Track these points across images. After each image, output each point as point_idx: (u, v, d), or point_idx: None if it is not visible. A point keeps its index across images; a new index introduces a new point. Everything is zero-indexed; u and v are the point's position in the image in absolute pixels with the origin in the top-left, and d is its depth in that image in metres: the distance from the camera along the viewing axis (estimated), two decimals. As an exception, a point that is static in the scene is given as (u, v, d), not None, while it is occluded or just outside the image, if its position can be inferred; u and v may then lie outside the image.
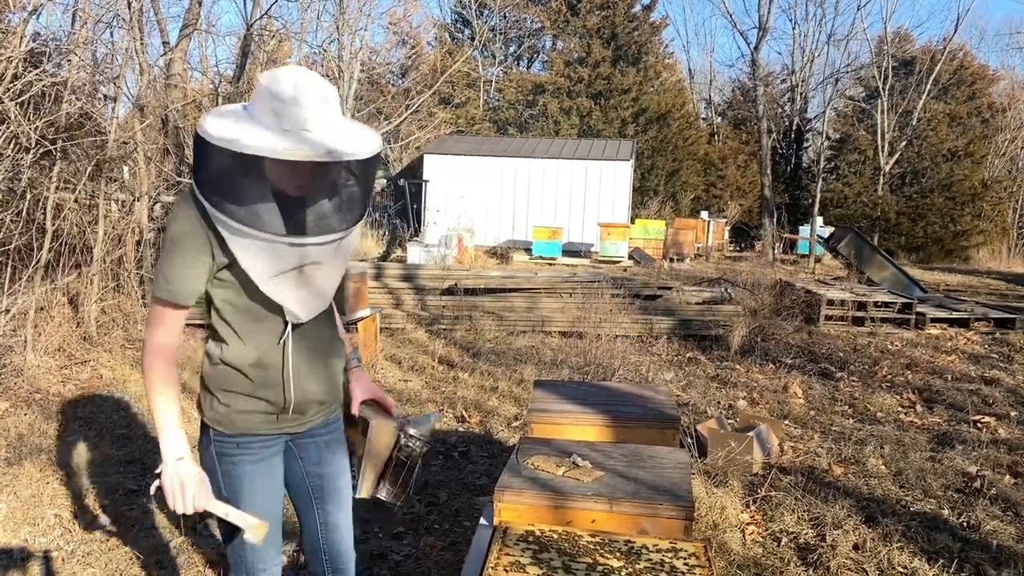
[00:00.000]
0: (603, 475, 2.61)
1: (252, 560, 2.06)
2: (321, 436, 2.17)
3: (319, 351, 2.06)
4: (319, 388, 2.07)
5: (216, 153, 1.73)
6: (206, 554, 3.47)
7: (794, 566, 3.48)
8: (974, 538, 3.78)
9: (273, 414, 2.01)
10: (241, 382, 1.96)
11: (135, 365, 6.64)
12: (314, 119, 1.74)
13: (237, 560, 2.08)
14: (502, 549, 2.18)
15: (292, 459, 2.16)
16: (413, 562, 3.48)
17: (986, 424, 5.61)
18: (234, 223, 1.77)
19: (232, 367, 1.95)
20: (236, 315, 1.93)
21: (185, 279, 1.85)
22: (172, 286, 1.85)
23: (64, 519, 3.81)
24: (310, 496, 2.21)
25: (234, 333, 1.95)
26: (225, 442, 2.00)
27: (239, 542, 2.04)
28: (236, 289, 1.90)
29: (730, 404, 6.05)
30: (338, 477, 2.23)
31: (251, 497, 2.02)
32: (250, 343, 1.95)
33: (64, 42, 7.40)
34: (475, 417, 5.56)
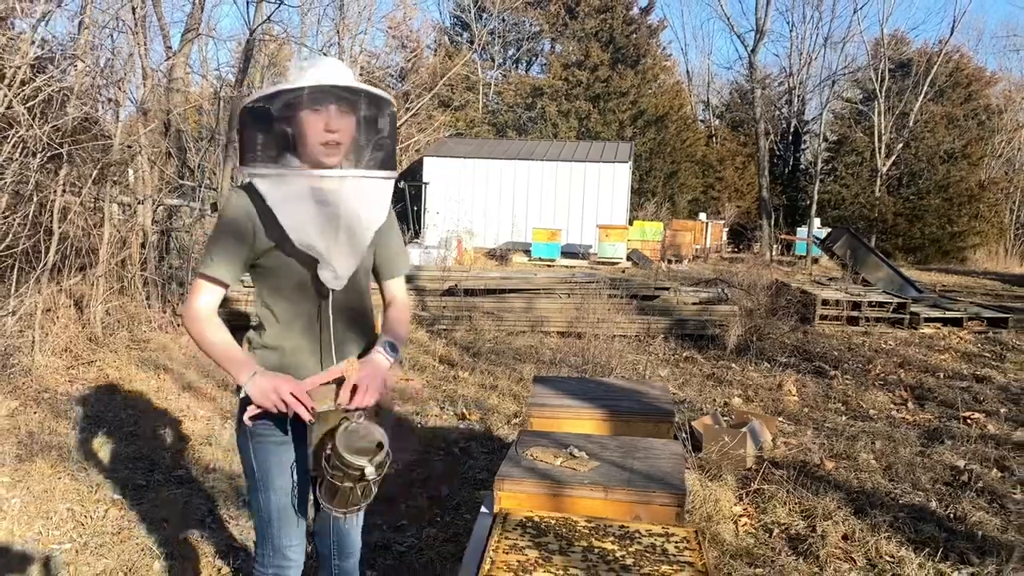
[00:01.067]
0: (599, 465, 2.72)
1: (279, 536, 2.18)
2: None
3: (350, 334, 2.21)
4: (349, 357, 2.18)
5: (256, 118, 1.96)
6: (215, 545, 3.58)
7: (785, 555, 3.60)
8: (960, 529, 3.90)
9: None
10: (274, 365, 2.09)
11: (141, 365, 6.76)
12: (331, 70, 1.98)
13: (264, 535, 2.20)
14: (502, 534, 2.29)
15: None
16: (416, 553, 3.59)
17: (975, 420, 5.73)
18: (271, 169, 1.97)
19: (269, 349, 2.12)
20: (276, 302, 2.11)
21: (226, 260, 2.04)
22: (214, 264, 2.04)
23: (76, 513, 3.92)
24: (327, 477, 2.32)
25: (274, 319, 2.11)
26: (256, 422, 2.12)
27: (267, 522, 2.16)
28: (275, 277, 2.08)
29: (725, 401, 6.17)
30: None
31: (278, 473, 2.14)
32: (286, 327, 2.12)
33: (69, 47, 7.52)
34: (475, 415, 5.67)
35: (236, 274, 2.07)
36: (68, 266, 7.48)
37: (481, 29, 29.94)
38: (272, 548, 2.22)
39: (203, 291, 2.06)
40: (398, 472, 4.57)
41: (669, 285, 9.81)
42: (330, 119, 1.96)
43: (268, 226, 2.01)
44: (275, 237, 2.02)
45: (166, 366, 6.75)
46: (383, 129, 2.05)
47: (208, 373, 6.58)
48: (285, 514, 2.19)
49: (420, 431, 5.33)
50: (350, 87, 1.97)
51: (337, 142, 1.98)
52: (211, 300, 2.07)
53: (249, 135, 1.98)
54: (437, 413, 5.75)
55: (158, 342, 7.62)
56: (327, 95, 1.94)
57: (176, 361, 6.96)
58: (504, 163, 21.44)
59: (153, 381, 6.30)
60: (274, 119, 1.94)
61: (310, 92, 1.93)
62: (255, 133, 1.97)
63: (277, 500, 2.17)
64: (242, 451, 2.19)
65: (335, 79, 1.96)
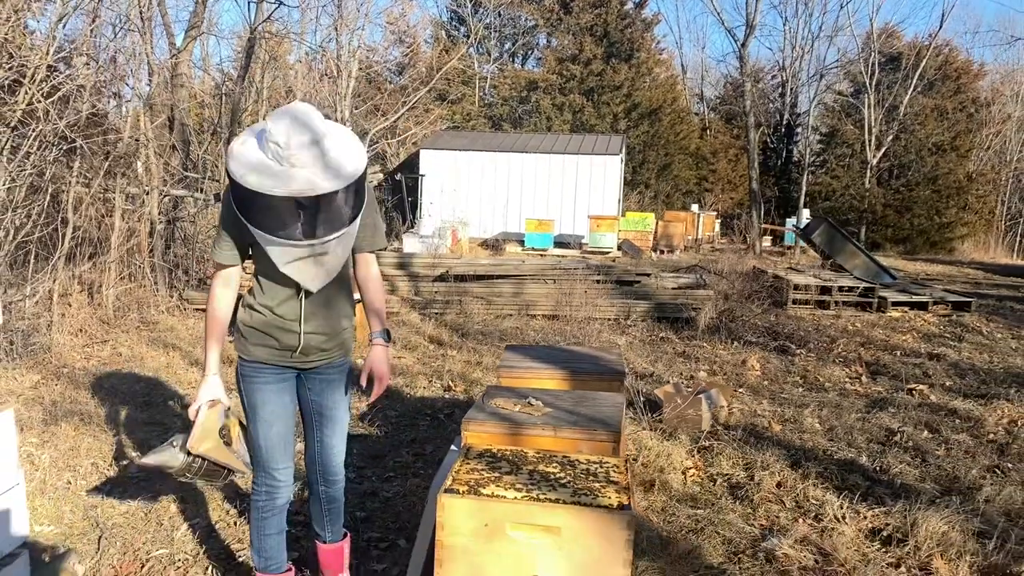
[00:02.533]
0: (551, 411, 3.22)
1: (268, 459, 2.68)
2: (325, 374, 2.78)
3: (325, 310, 2.67)
4: (321, 339, 2.68)
5: (239, 187, 2.34)
6: (224, 492, 4.07)
7: (724, 500, 4.10)
8: (883, 479, 4.40)
9: (282, 351, 2.63)
10: (260, 323, 2.60)
11: (150, 344, 7.26)
12: (302, 158, 2.30)
13: (257, 459, 2.70)
14: (464, 461, 2.79)
15: (302, 389, 2.77)
16: (401, 498, 4.09)
17: (919, 391, 6.23)
18: (259, 232, 2.37)
19: (256, 312, 2.60)
20: (264, 277, 2.59)
21: (228, 246, 2.55)
22: (220, 252, 2.55)
23: (100, 467, 4.42)
24: (312, 420, 2.83)
25: (261, 289, 2.60)
26: (245, 365, 2.66)
27: (257, 447, 2.67)
28: (262, 260, 2.54)
29: (691, 375, 6.66)
30: (335, 408, 2.84)
31: (262, 409, 2.65)
32: (271, 298, 2.59)
33: (81, 46, 8.00)
34: (460, 387, 6.17)
35: (239, 256, 2.57)
36: (81, 253, 7.97)
37: (477, 24, 30.40)
38: (263, 470, 2.71)
39: (217, 277, 2.60)
40: (387, 434, 5.08)
41: (650, 271, 10.29)
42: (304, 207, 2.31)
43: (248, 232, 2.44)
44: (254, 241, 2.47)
45: (174, 345, 7.24)
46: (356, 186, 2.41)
47: (214, 351, 7.06)
48: (271, 442, 2.69)
49: (409, 400, 5.83)
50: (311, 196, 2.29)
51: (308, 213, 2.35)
52: (228, 284, 2.59)
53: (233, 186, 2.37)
54: (425, 385, 6.25)
55: (166, 324, 8.11)
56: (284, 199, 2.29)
57: (184, 340, 7.45)
58: (498, 155, 21.91)
59: (163, 358, 6.80)
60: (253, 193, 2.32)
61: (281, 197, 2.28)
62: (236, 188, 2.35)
63: (265, 431, 2.68)
64: (239, 391, 2.71)
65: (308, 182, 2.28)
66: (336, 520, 2.96)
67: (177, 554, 3.41)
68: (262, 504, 2.74)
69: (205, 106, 16.96)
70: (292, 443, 2.77)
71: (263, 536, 2.76)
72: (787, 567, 3.39)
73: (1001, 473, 4.52)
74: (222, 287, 2.59)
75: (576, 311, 8.63)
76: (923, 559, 3.43)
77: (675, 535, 3.69)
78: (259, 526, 2.75)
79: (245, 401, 2.67)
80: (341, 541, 2.99)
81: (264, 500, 2.73)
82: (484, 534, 2.46)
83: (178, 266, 9.88)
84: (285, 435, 2.72)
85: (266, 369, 2.65)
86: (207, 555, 3.40)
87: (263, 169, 2.31)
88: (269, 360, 2.64)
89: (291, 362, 2.67)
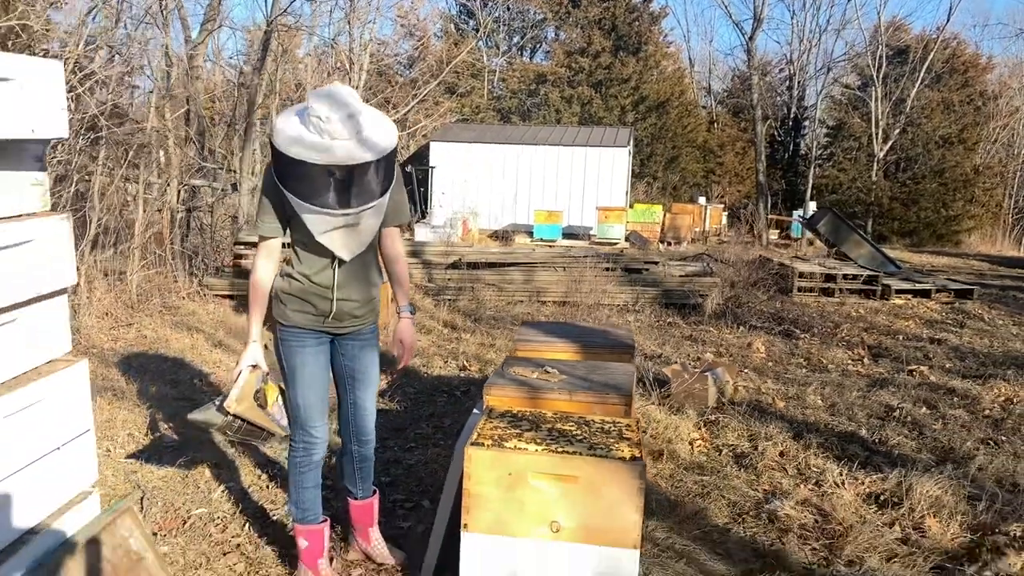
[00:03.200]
0: (567, 378, 3.44)
1: (305, 417, 2.90)
2: (358, 340, 3.01)
3: (357, 279, 2.90)
4: (354, 305, 2.90)
5: (282, 158, 2.56)
6: (254, 459, 4.31)
7: (730, 468, 4.32)
8: (881, 450, 4.62)
9: (318, 317, 2.85)
10: (298, 291, 2.82)
11: (174, 327, 7.49)
12: (340, 131, 2.53)
13: (295, 417, 2.92)
14: (488, 420, 3.02)
15: (336, 353, 3.00)
16: (423, 465, 4.33)
17: (919, 372, 6.43)
18: (298, 200, 2.59)
19: (294, 280, 2.82)
20: (301, 246, 2.80)
21: (269, 219, 2.75)
22: (263, 225, 2.76)
23: (136, 436, 4.66)
24: (346, 382, 3.05)
25: (298, 258, 2.81)
26: (284, 331, 2.87)
27: (296, 407, 2.89)
28: (299, 231, 2.75)
29: (698, 357, 6.87)
30: (367, 371, 3.06)
31: (301, 371, 2.87)
32: (308, 267, 2.81)
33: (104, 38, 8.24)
34: (475, 366, 6.40)
35: (280, 229, 2.77)
36: (106, 241, 8.22)
37: (486, 17, 30.58)
38: (301, 428, 2.94)
39: (260, 250, 2.81)
40: (407, 409, 5.31)
41: (658, 259, 10.50)
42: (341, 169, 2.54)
43: (289, 205, 2.66)
44: (292, 214, 2.69)
45: (197, 328, 7.48)
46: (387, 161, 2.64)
47: (235, 333, 7.31)
48: (309, 402, 2.91)
49: (426, 378, 6.06)
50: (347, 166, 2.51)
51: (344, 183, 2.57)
52: (270, 257, 2.79)
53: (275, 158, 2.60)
54: (441, 365, 6.48)
55: (187, 309, 8.36)
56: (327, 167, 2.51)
57: (206, 324, 7.69)
58: (507, 148, 22.10)
59: (187, 340, 7.04)
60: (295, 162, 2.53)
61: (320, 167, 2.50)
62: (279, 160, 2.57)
63: (304, 391, 2.90)
64: (278, 356, 2.92)
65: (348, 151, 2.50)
66: (367, 478, 3.19)
67: (215, 512, 3.64)
68: (300, 460, 2.96)
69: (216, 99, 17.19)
70: (327, 403, 2.99)
71: (301, 490, 2.98)
72: (788, 526, 3.61)
73: (995, 445, 4.73)
74: (264, 260, 2.80)
75: (585, 297, 8.84)
76: (916, 519, 3.64)
77: (683, 499, 3.91)
78: (297, 480, 2.98)
79: (285, 364, 2.89)
80: (371, 497, 3.22)
81: (302, 456, 2.96)
82: (507, 483, 2.68)
83: (196, 254, 10.13)
84: (321, 396, 2.94)
85: (304, 334, 2.86)
86: (243, 513, 3.63)
87: (305, 141, 2.53)
88: (307, 325, 2.86)
89: (326, 327, 2.89)
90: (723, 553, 3.37)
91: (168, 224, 8.98)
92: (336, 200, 2.58)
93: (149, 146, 8.57)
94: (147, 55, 9.39)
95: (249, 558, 3.23)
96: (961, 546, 3.40)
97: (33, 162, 2.13)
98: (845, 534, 3.49)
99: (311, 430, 2.94)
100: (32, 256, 2.05)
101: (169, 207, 9.20)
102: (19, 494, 2.02)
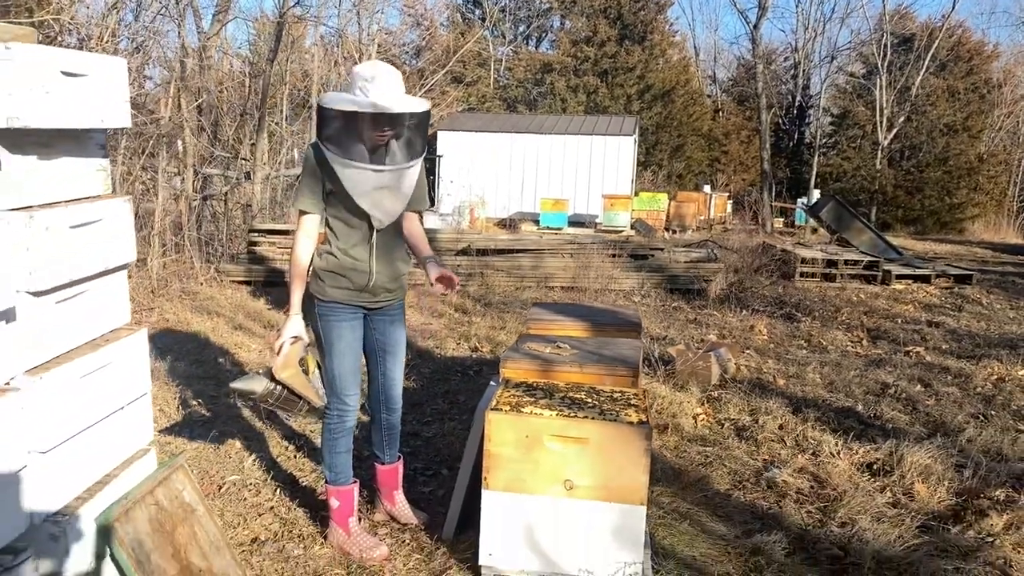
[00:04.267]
0: (577, 352, 3.67)
1: (340, 386, 3.14)
2: (389, 315, 3.26)
3: (390, 252, 3.15)
4: (388, 278, 3.15)
5: (330, 117, 2.83)
6: (281, 431, 4.56)
7: (731, 440, 4.55)
8: (876, 423, 4.85)
9: (354, 291, 3.08)
10: (335, 266, 3.06)
11: (194, 311, 7.73)
12: (384, 91, 2.82)
13: (331, 386, 3.16)
14: (505, 389, 3.25)
15: (368, 328, 3.24)
16: (440, 438, 4.57)
17: (916, 353, 6.65)
18: (341, 157, 2.86)
19: (331, 256, 3.06)
20: (337, 223, 3.04)
21: (309, 194, 2.98)
22: (302, 200, 2.99)
23: (166, 411, 4.90)
24: (376, 355, 3.29)
25: (335, 234, 3.05)
26: (322, 305, 3.10)
27: (332, 377, 3.12)
28: (336, 206, 3.00)
29: (701, 339, 7.10)
30: (397, 344, 3.31)
31: (338, 343, 3.10)
32: (344, 241, 3.05)
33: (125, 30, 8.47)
34: (486, 347, 6.64)
35: (319, 204, 3.01)
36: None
37: (492, 7, 30.70)
38: (336, 396, 3.17)
39: (300, 224, 3.03)
40: (423, 387, 5.55)
41: (663, 245, 10.72)
42: (380, 127, 2.83)
43: (329, 177, 2.93)
44: (330, 182, 2.94)
45: (217, 312, 7.72)
46: (418, 129, 2.94)
47: (254, 317, 7.56)
48: (344, 371, 3.15)
49: (439, 359, 6.30)
50: (400, 114, 2.81)
51: (385, 138, 2.87)
52: (309, 232, 3.01)
53: (322, 121, 2.87)
54: (454, 347, 6.72)
55: (206, 294, 8.60)
56: (383, 115, 2.81)
57: (225, 308, 7.93)
58: (514, 136, 22.27)
59: (208, 323, 7.28)
60: (341, 119, 2.81)
61: (373, 115, 2.78)
62: (326, 122, 2.85)
63: (339, 361, 3.13)
64: (315, 330, 3.15)
65: (391, 102, 2.79)
66: (393, 444, 3.45)
67: (248, 479, 3.89)
68: (334, 426, 3.20)
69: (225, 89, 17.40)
70: (359, 374, 3.23)
71: (335, 454, 3.22)
72: (785, 491, 3.85)
73: (985, 419, 4.96)
74: (304, 237, 3.03)
75: (592, 283, 9.07)
76: (907, 486, 3.88)
77: (686, 467, 4.15)
78: (330, 445, 3.22)
79: (323, 337, 3.12)
80: (397, 462, 3.47)
81: (336, 423, 3.20)
82: (525, 444, 2.91)
83: (211, 242, 10.38)
84: (355, 367, 3.18)
85: (341, 308, 3.10)
86: (274, 480, 3.88)
87: (352, 99, 2.82)
88: (344, 300, 3.09)
89: (361, 301, 3.13)
90: (724, 516, 3.61)
91: (186, 211, 9.22)
92: (379, 157, 2.87)
93: (168, 136, 8.80)
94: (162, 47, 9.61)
95: (283, 519, 3.48)
96: (947, 508, 3.63)
97: (98, 149, 2.37)
98: (839, 499, 3.72)
99: (345, 398, 3.17)
100: (100, 234, 2.28)
101: (186, 196, 9.43)
102: (92, 448, 2.26)
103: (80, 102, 2.14)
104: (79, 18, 7.14)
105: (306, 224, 3.03)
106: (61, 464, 2.12)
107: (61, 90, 2.04)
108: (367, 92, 2.81)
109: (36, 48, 1.97)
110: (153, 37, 8.77)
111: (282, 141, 13.44)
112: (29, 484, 2.00)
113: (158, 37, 9.11)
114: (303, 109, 15.22)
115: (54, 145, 2.14)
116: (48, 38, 6.35)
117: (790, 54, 35.52)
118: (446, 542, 3.26)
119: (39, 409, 2.00)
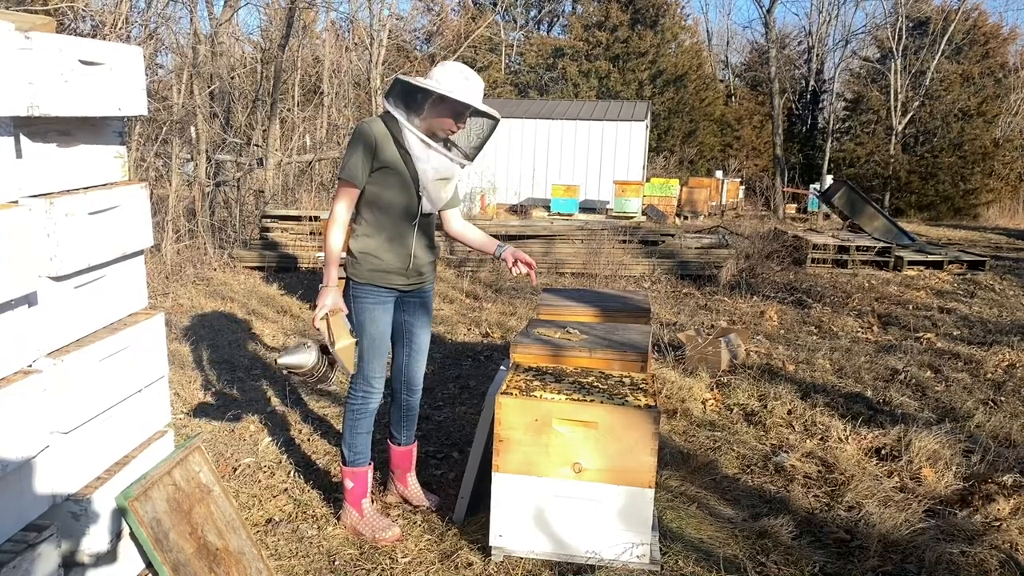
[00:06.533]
0: (587, 337, 3.71)
1: (368, 368, 3.18)
2: (418, 298, 3.32)
3: (424, 240, 3.22)
4: (421, 262, 3.22)
5: (429, 98, 2.92)
6: (299, 414, 4.62)
7: (740, 425, 4.58)
8: (885, 409, 4.87)
9: (392, 272, 3.13)
10: (373, 249, 3.11)
11: (208, 296, 7.82)
12: (475, 90, 2.95)
13: (359, 369, 3.19)
14: (515, 374, 3.29)
15: (398, 310, 3.28)
16: (451, 422, 4.62)
17: (926, 339, 6.65)
18: (424, 138, 2.96)
19: (368, 238, 3.11)
20: (375, 205, 3.07)
21: (355, 165, 3.00)
22: (347, 169, 3.01)
23: (182, 396, 4.97)
24: (402, 338, 3.34)
25: (373, 216, 3.09)
26: (357, 288, 3.15)
27: (361, 358, 3.17)
28: (379, 187, 3.04)
29: (712, 325, 7.12)
30: (422, 328, 3.37)
31: (370, 325, 3.15)
32: (383, 225, 3.09)
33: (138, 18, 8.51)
34: (497, 333, 6.68)
35: (363, 177, 3.02)
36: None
37: (503, -9, 30.55)
38: (362, 377, 3.22)
39: (340, 194, 3.06)
40: (434, 372, 5.60)
41: (674, 232, 10.72)
42: (461, 118, 2.98)
43: (386, 150, 2.98)
44: (386, 160, 2.99)
45: (231, 297, 7.80)
46: (484, 135, 3.13)
47: (267, 302, 7.63)
48: (373, 353, 3.19)
49: (451, 344, 6.35)
50: (485, 112, 3.01)
51: (456, 132, 3.03)
52: (347, 204, 3.05)
53: (401, 93, 2.96)
54: (465, 333, 6.77)
55: (219, 279, 8.68)
56: (468, 109, 2.96)
57: (238, 293, 8.01)
58: (525, 122, 22.24)
59: (222, 308, 7.35)
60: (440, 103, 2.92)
61: (462, 105, 2.92)
62: (406, 94, 2.95)
63: (370, 343, 3.18)
64: (349, 305, 3.17)
65: (477, 100, 2.94)
66: (411, 426, 3.51)
67: (262, 462, 3.95)
68: (357, 407, 3.25)
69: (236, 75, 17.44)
70: (386, 357, 3.27)
71: (356, 434, 3.27)
72: (793, 476, 3.88)
73: (994, 405, 4.97)
74: (342, 212, 3.06)
75: (603, 269, 9.09)
76: (914, 471, 3.90)
77: (695, 452, 4.18)
78: (352, 426, 3.27)
79: (355, 318, 3.16)
80: (412, 445, 3.53)
81: (360, 404, 3.25)
82: (534, 428, 2.96)
83: (223, 228, 10.44)
84: (383, 351, 3.23)
85: (376, 291, 3.14)
86: (288, 462, 3.94)
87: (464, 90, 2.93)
88: (379, 283, 3.14)
89: (394, 284, 3.17)
90: (732, 499, 3.64)
91: (200, 198, 9.28)
92: (467, 154, 3.13)
93: (181, 122, 8.85)
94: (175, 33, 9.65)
95: (296, 500, 3.54)
96: (954, 492, 3.66)
97: (115, 137, 2.41)
98: (846, 483, 3.75)
99: (372, 380, 3.22)
100: (118, 220, 2.33)
101: (199, 182, 9.49)
102: (112, 429, 2.32)
103: (98, 90, 2.18)
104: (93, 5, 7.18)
105: (345, 200, 3.05)
106: (82, 445, 2.17)
107: (80, 79, 2.08)
108: (466, 87, 2.93)
109: (55, 37, 2.01)
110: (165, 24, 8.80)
111: (294, 127, 13.49)
112: (52, 464, 2.05)
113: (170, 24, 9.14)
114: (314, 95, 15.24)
115: (73, 133, 2.18)
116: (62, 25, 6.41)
117: (804, 38, 35.29)
118: (457, 524, 3.31)
119: (61, 391, 2.05)
